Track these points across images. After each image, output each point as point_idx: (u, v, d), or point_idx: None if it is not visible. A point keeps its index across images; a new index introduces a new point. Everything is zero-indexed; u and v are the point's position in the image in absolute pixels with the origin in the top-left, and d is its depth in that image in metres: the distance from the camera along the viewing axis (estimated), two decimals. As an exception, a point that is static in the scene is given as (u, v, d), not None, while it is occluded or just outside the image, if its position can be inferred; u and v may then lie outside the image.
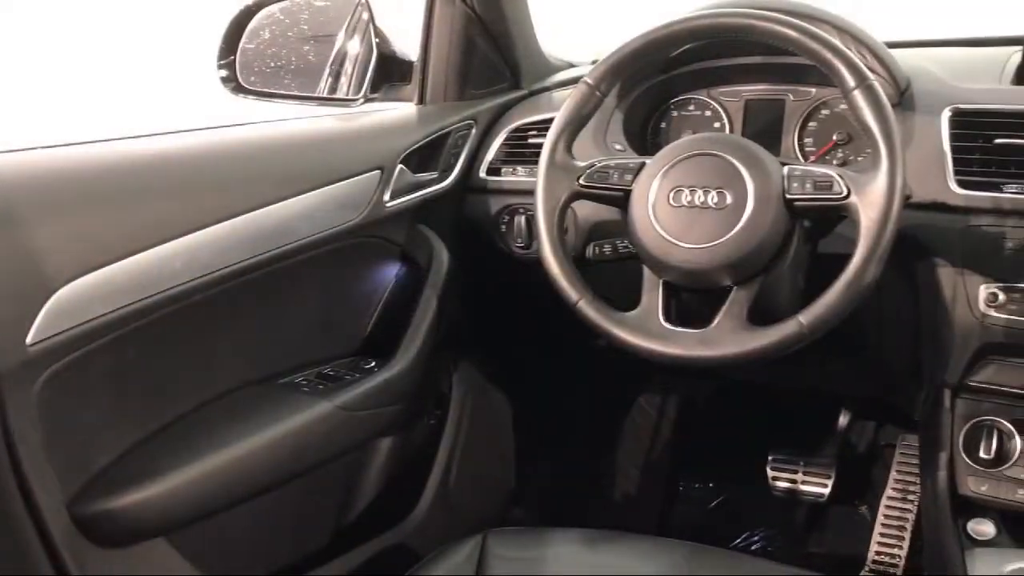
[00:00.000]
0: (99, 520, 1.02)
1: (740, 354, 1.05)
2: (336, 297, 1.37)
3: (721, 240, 1.06)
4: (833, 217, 1.12)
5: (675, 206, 1.09)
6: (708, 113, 1.45)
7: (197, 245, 1.09)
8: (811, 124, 1.38)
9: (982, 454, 1.20)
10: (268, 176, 1.21)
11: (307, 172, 1.25)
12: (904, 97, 1.26)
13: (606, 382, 1.95)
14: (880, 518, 1.77)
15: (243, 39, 1.45)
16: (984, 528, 1.21)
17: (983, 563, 1.14)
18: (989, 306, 1.16)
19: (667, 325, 1.10)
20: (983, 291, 1.16)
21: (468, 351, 1.65)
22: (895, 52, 1.30)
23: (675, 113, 1.48)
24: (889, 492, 1.79)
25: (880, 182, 1.01)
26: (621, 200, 1.15)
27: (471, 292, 1.58)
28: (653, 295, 1.12)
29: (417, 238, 1.44)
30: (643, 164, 1.15)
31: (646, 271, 1.14)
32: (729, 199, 1.07)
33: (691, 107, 1.47)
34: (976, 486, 1.21)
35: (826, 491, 1.85)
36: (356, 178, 1.30)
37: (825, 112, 1.37)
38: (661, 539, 1.14)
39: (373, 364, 1.33)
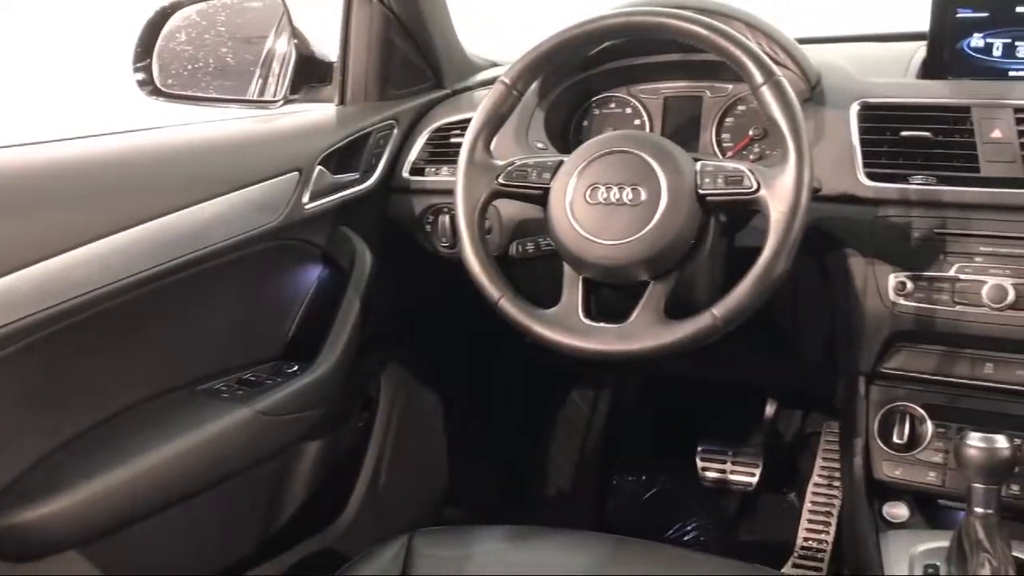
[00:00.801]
0: (6, 534, 0.99)
1: (657, 347, 1.06)
2: (256, 301, 1.35)
3: (636, 236, 1.07)
4: (746, 211, 1.14)
5: (591, 203, 1.10)
6: (628, 111, 1.47)
7: (106, 252, 1.07)
8: (728, 120, 1.40)
9: (895, 439, 1.23)
10: (181, 180, 1.19)
11: (222, 175, 1.23)
12: (815, 92, 1.29)
13: (537, 379, 1.96)
14: (807, 504, 1.82)
15: (159, 41, 1.43)
16: (898, 511, 1.25)
17: (896, 545, 1.17)
18: (898, 295, 1.19)
19: (587, 321, 1.11)
20: (892, 280, 1.20)
21: (396, 352, 1.64)
22: (806, 48, 1.32)
23: (596, 111, 1.49)
24: (815, 479, 1.83)
25: (788, 176, 1.03)
26: (540, 198, 1.16)
27: (398, 292, 1.58)
28: (573, 291, 1.13)
29: (339, 240, 1.43)
30: (561, 162, 1.16)
31: (566, 268, 1.15)
32: (643, 195, 1.08)
33: (612, 105, 1.48)
34: (890, 470, 1.24)
35: (754, 480, 1.88)
36: (273, 180, 1.28)
37: (741, 108, 1.39)
38: (586, 533, 1.15)
39: (296, 368, 1.32)
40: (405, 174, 1.50)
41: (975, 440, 1.02)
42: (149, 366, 1.20)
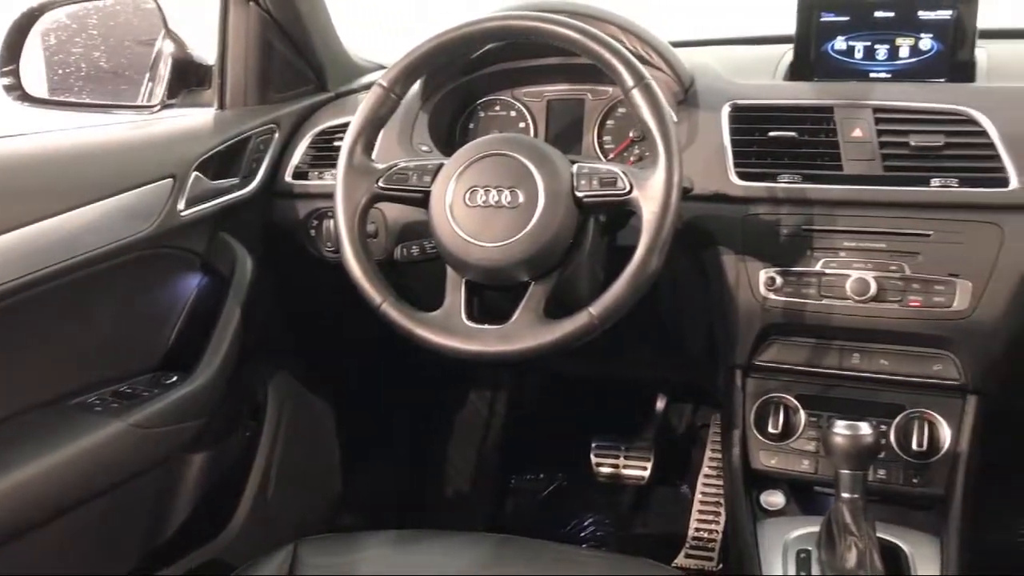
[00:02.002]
0: None
1: (537, 347, 1.07)
2: (133, 312, 1.31)
3: (515, 238, 1.08)
4: (622, 212, 1.16)
5: (471, 206, 1.11)
6: (513, 113, 1.48)
7: None
8: (609, 122, 1.42)
9: (771, 429, 1.28)
10: (50, 187, 1.16)
11: (93, 182, 1.20)
12: (688, 94, 1.32)
13: (433, 382, 1.95)
14: (698, 496, 1.86)
15: (27, 44, 1.38)
16: (775, 499, 1.29)
17: (771, 532, 1.22)
18: (768, 289, 1.23)
19: (469, 323, 1.12)
20: (762, 275, 1.24)
21: (284, 359, 1.62)
22: (680, 51, 1.36)
23: (482, 114, 1.50)
24: (705, 470, 1.88)
25: (659, 177, 1.05)
26: (421, 201, 1.16)
27: (283, 299, 1.56)
28: (456, 294, 1.14)
29: (219, 247, 1.40)
30: (441, 165, 1.16)
31: (449, 271, 1.15)
32: (521, 197, 1.09)
33: (497, 108, 1.49)
34: (767, 460, 1.28)
35: (646, 473, 1.92)
36: (145, 187, 1.25)
37: (622, 110, 1.41)
38: (473, 534, 1.16)
39: (175, 379, 1.29)
40: (288, 178, 1.48)
41: (841, 428, 1.06)
42: (18, 380, 1.16)
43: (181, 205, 1.31)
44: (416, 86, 1.43)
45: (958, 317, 1.16)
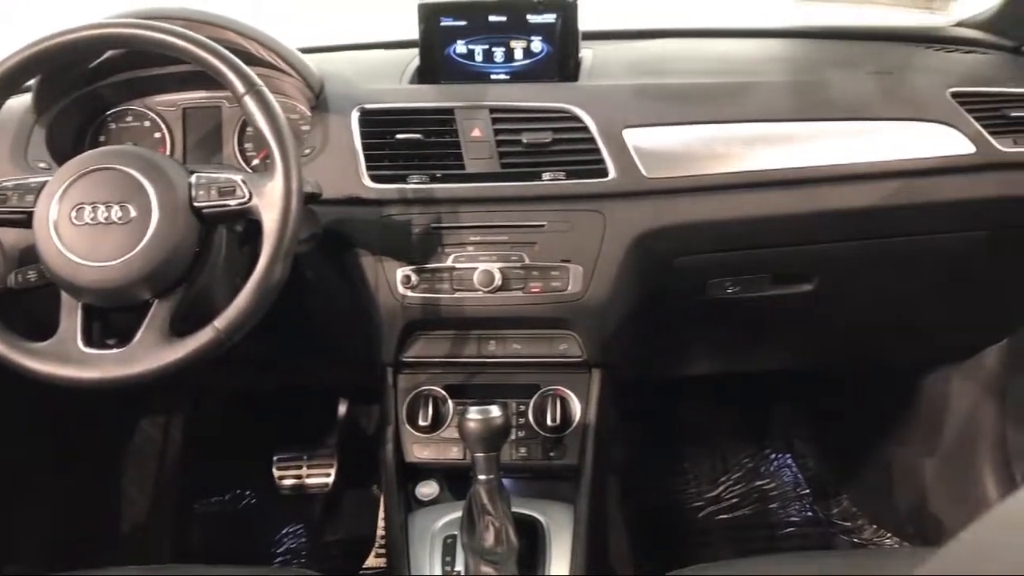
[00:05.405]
0: None
1: (159, 368, 1.03)
2: None
3: (129, 255, 1.04)
4: (247, 221, 1.14)
5: (79, 224, 1.05)
6: (147, 124, 1.42)
7: None
8: (249, 130, 1.40)
9: (421, 422, 1.32)
10: None
11: None
12: (319, 100, 1.32)
13: (95, 412, 1.82)
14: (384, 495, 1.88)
15: None
16: (428, 489, 1.33)
17: (421, 522, 1.26)
18: (405, 287, 1.27)
19: (86, 349, 1.06)
20: (399, 274, 1.27)
21: None
22: (309, 56, 1.35)
23: (113, 125, 1.42)
24: None
25: (277, 184, 1.05)
26: (24, 223, 1.08)
27: None
28: (71, 319, 1.07)
29: None
30: (44, 183, 1.08)
31: (63, 295, 1.08)
32: (133, 212, 1.04)
33: (129, 118, 1.42)
34: (419, 452, 1.32)
35: (330, 480, 1.92)
36: None
37: None
38: (119, 569, 1.10)
39: None
40: None
41: (472, 413, 1.11)
42: None
43: None
44: (28, 98, 1.33)
45: (573, 299, 1.25)
